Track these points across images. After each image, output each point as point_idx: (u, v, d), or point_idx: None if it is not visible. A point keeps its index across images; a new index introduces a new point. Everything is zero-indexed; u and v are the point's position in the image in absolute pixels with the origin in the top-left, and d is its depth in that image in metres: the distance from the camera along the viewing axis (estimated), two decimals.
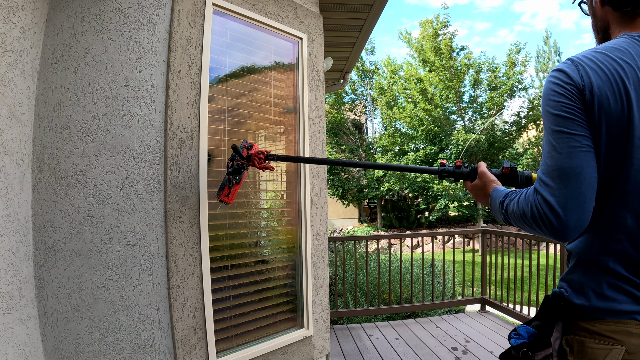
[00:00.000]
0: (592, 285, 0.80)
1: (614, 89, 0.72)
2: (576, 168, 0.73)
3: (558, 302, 0.86)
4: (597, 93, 0.73)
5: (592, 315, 0.79)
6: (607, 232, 0.79)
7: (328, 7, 2.86)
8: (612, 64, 0.74)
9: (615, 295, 0.77)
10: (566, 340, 0.84)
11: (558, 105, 0.76)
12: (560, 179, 0.74)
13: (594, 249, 0.81)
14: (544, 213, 0.75)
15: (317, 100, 2.50)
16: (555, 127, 0.76)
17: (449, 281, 5.41)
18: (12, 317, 1.37)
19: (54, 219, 1.55)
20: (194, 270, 1.81)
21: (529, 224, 0.79)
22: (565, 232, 0.74)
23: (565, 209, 0.73)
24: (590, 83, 0.74)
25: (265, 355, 2.10)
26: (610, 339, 0.76)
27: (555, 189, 0.74)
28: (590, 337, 0.79)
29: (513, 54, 13.88)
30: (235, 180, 1.58)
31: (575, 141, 0.74)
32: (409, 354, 3.03)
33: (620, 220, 0.76)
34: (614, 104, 0.72)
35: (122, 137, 1.65)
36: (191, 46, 1.83)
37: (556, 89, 0.77)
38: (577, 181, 0.73)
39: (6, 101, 1.37)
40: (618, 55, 0.75)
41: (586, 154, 0.74)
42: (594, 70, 0.74)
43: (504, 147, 14.06)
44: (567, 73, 0.76)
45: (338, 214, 17.67)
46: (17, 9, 1.41)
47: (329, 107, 15.89)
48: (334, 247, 4.17)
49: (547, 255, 3.67)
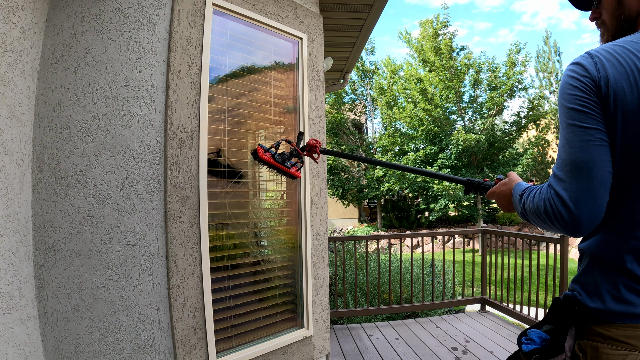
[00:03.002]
0: (607, 287, 0.77)
1: (631, 80, 0.71)
2: (588, 162, 0.72)
3: (571, 306, 0.83)
4: (613, 84, 0.72)
5: (607, 320, 0.76)
6: (624, 229, 0.76)
7: (328, 7, 2.86)
8: (629, 56, 0.72)
9: (633, 298, 0.74)
10: (579, 345, 0.80)
11: (572, 99, 0.75)
12: (572, 173, 0.73)
13: (610, 247, 0.77)
14: (556, 207, 0.74)
15: (317, 100, 2.50)
16: (570, 120, 0.75)
17: (449, 281, 5.41)
18: (12, 317, 1.37)
19: (54, 219, 1.55)
20: (194, 270, 1.81)
21: (543, 219, 0.77)
22: (578, 227, 0.73)
23: (577, 203, 0.72)
24: (606, 75, 0.72)
25: (265, 355, 2.10)
26: (626, 345, 0.73)
27: (568, 183, 0.73)
28: (604, 342, 0.76)
29: (513, 54, 13.88)
30: (298, 163, 1.55)
31: (589, 135, 0.72)
32: (409, 354, 3.03)
33: (638, 217, 0.74)
34: (630, 95, 0.71)
35: (122, 137, 1.65)
36: (191, 46, 1.83)
37: (572, 82, 0.76)
38: (589, 175, 0.71)
39: (6, 101, 1.37)
40: (637, 47, 0.73)
41: (599, 148, 0.72)
42: (611, 62, 0.73)
43: (504, 147, 14.06)
44: (584, 65, 0.75)
45: (338, 214, 17.66)
46: (17, 9, 1.41)
47: (329, 107, 15.89)
48: (334, 247, 4.17)
49: (547, 255, 3.66)
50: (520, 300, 3.73)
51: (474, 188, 1.16)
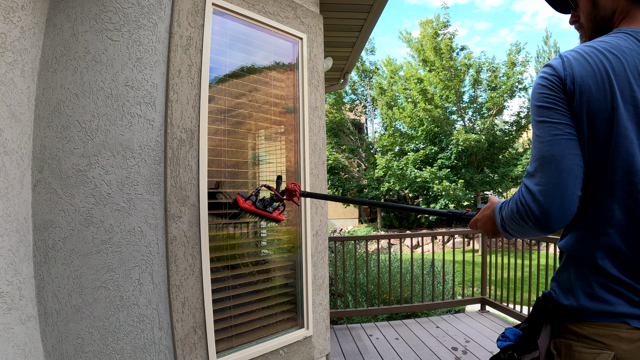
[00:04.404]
0: (581, 284, 0.78)
1: (597, 78, 0.73)
2: (556, 155, 0.73)
3: (547, 304, 0.84)
4: (579, 82, 0.73)
5: (581, 317, 0.77)
6: (595, 226, 0.76)
7: (328, 7, 2.86)
8: (598, 56, 0.74)
9: (606, 295, 0.74)
10: (554, 343, 0.82)
11: (541, 97, 0.77)
12: (542, 167, 0.74)
13: (583, 244, 0.78)
14: (526, 203, 0.74)
15: (317, 100, 2.50)
16: (539, 117, 0.77)
17: (449, 281, 5.41)
18: (12, 317, 1.37)
19: (54, 219, 1.55)
20: (194, 270, 1.81)
21: (517, 221, 0.77)
22: (549, 221, 0.72)
23: (546, 196, 0.72)
24: (572, 73, 0.74)
25: (265, 355, 2.10)
26: (599, 343, 0.73)
27: (537, 177, 0.74)
28: (578, 340, 0.76)
29: (513, 53, 13.89)
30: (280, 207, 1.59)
31: (557, 129, 0.74)
32: (409, 354, 3.03)
33: (608, 213, 0.74)
34: (597, 93, 0.72)
35: (122, 137, 1.65)
36: (191, 46, 1.83)
37: (541, 82, 0.78)
38: (557, 168, 0.72)
39: (6, 101, 1.37)
40: (606, 47, 0.75)
41: (568, 142, 0.73)
42: (579, 61, 0.75)
43: (504, 147, 14.06)
44: (553, 66, 0.77)
45: (338, 214, 17.66)
46: (17, 9, 1.41)
47: (329, 107, 15.90)
48: (334, 247, 4.17)
49: (547, 255, 3.66)
50: (520, 300, 3.73)
51: (457, 219, 1.17)
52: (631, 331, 0.72)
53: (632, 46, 0.74)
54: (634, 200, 0.72)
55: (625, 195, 0.73)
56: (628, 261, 0.73)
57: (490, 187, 13.84)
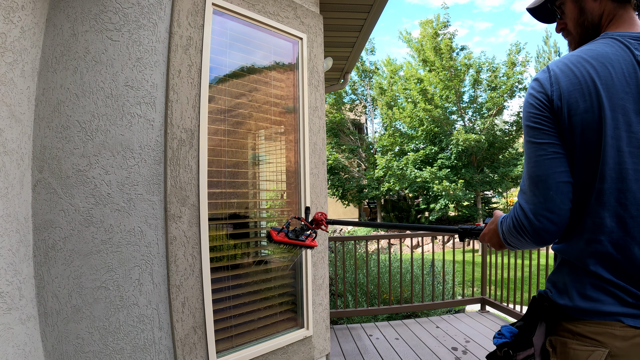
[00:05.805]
0: (576, 285, 0.80)
1: (584, 90, 0.74)
2: (542, 175, 0.77)
3: (542, 303, 0.86)
4: (566, 97, 0.75)
5: (576, 316, 0.78)
6: (587, 233, 0.78)
7: (328, 7, 2.86)
8: (584, 65, 0.75)
9: (599, 296, 0.76)
10: (550, 341, 0.83)
11: (529, 116, 0.80)
12: (531, 187, 0.79)
13: (575, 251, 0.80)
14: (520, 220, 0.80)
15: (317, 100, 2.50)
16: (527, 137, 0.81)
17: (449, 281, 5.41)
18: (12, 317, 1.37)
19: (54, 219, 1.55)
20: (194, 270, 1.81)
21: (514, 234, 0.82)
22: (541, 237, 0.78)
23: (536, 214, 0.77)
24: (559, 88, 0.76)
25: (265, 355, 2.10)
26: (593, 341, 0.75)
27: (528, 195, 0.79)
28: (573, 338, 0.78)
29: (513, 53, 13.87)
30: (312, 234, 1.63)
31: (542, 150, 0.78)
32: (409, 354, 3.03)
33: (599, 221, 0.76)
34: (584, 105, 0.74)
35: (122, 137, 1.65)
36: (191, 46, 1.83)
37: (530, 99, 0.81)
38: (544, 187, 0.77)
39: (6, 101, 1.37)
40: (592, 55, 0.76)
41: (552, 161, 0.77)
42: (565, 74, 0.77)
43: (504, 147, 14.05)
44: (540, 81, 0.79)
45: (338, 214, 17.66)
46: (17, 9, 1.41)
47: (329, 107, 15.89)
48: (334, 247, 4.17)
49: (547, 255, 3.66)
50: (521, 300, 3.73)
51: (468, 234, 1.20)
52: (625, 329, 0.73)
53: (619, 52, 0.75)
54: (623, 207, 0.74)
55: (615, 202, 0.75)
56: (620, 266, 0.75)
57: (490, 187, 13.83)
